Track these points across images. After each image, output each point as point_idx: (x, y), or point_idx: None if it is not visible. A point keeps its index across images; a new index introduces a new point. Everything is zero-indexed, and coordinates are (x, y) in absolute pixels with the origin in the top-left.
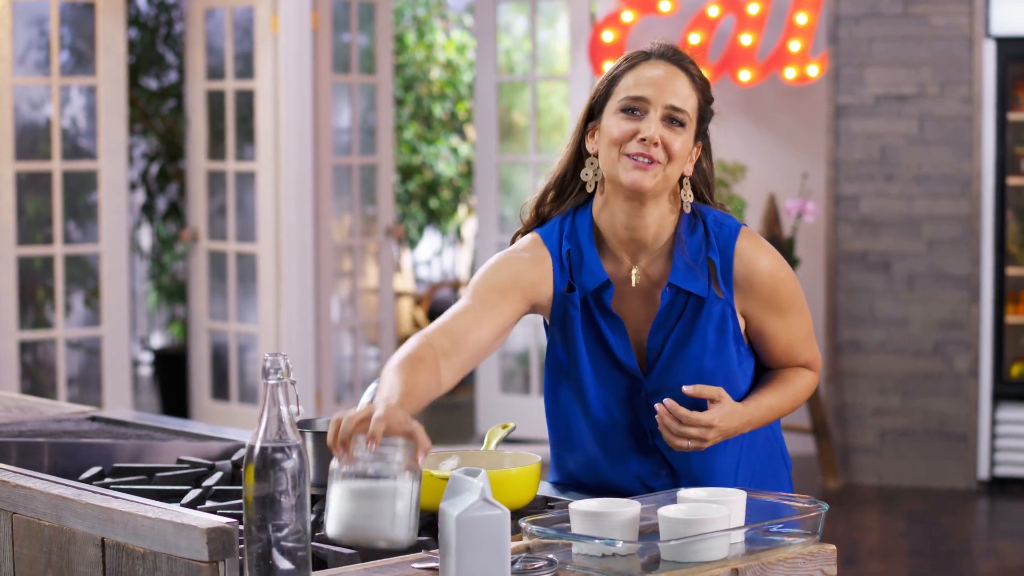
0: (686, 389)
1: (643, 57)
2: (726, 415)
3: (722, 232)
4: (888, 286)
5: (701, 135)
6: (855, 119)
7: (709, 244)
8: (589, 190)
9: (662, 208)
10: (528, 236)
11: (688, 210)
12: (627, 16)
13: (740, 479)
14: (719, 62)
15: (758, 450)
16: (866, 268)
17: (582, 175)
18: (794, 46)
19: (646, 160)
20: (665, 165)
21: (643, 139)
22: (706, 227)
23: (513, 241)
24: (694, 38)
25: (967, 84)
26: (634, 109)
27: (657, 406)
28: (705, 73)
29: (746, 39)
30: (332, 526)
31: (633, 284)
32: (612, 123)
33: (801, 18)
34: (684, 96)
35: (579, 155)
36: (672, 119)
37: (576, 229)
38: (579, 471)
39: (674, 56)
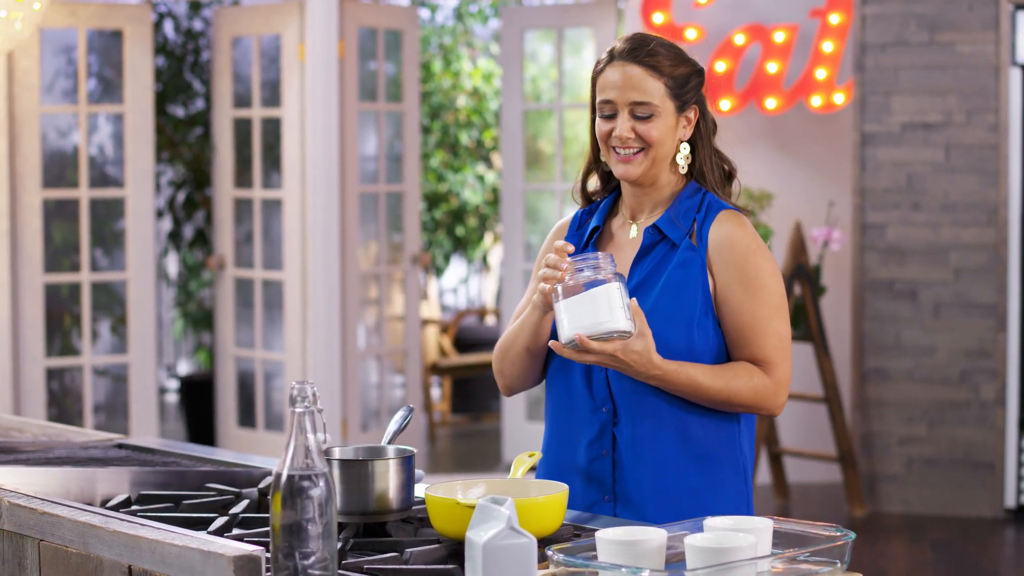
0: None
1: (608, 60)
2: (632, 351)
3: (715, 205)
4: (914, 314)
5: (689, 101)
6: (881, 147)
7: (699, 210)
8: (606, 168)
9: (663, 179)
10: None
11: (684, 171)
12: None
13: (681, 468)
14: (745, 90)
15: (712, 447)
16: (892, 296)
17: (601, 156)
18: (820, 74)
19: (627, 152)
20: (647, 151)
21: (617, 137)
22: (703, 198)
23: None
24: (720, 66)
25: (993, 112)
26: (607, 112)
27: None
28: (730, 102)
29: (772, 67)
30: (566, 333)
31: (632, 236)
32: (597, 122)
33: (827, 46)
34: (645, 89)
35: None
36: (637, 115)
37: (605, 200)
38: (548, 429)
39: (631, 54)
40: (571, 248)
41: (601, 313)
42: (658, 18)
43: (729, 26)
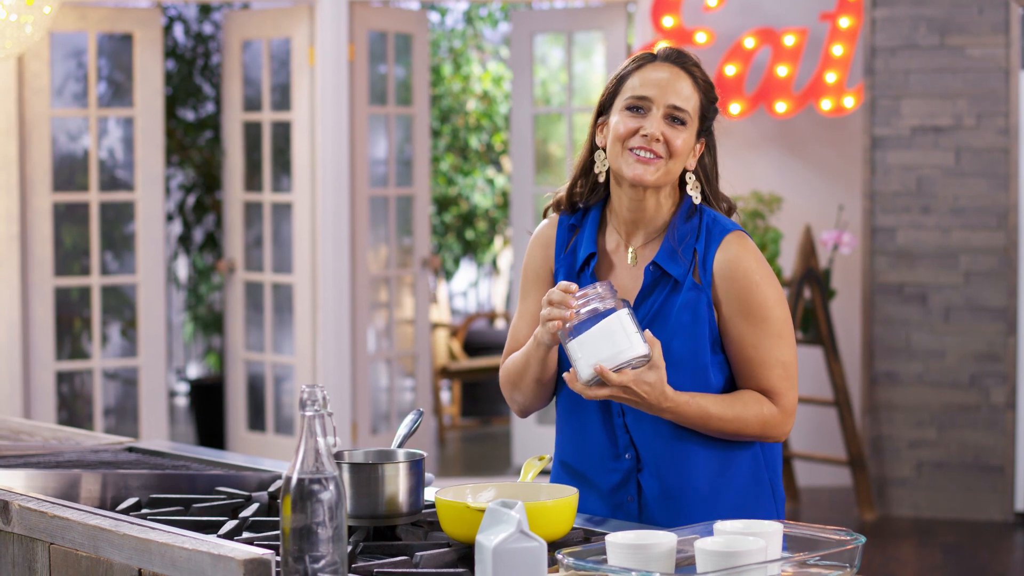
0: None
1: (649, 59)
2: (645, 382)
3: (715, 227)
4: (924, 318)
5: (704, 132)
6: (891, 150)
7: (699, 236)
8: (600, 180)
9: (662, 195)
10: (547, 219)
11: (697, 201)
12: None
13: (718, 505)
14: (755, 93)
15: (740, 477)
16: (902, 300)
17: (595, 167)
18: (830, 77)
19: (649, 155)
20: (667, 160)
21: (645, 135)
22: (701, 221)
23: (544, 214)
24: (730, 69)
25: (1003, 115)
26: (638, 108)
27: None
28: (740, 105)
29: (782, 70)
30: (585, 370)
31: (628, 262)
32: (618, 120)
33: (837, 49)
34: (686, 96)
35: (594, 148)
36: (674, 118)
37: (590, 211)
38: (561, 452)
39: (678, 59)
40: (575, 288)
41: (619, 342)
42: (668, 22)
43: (739, 30)
